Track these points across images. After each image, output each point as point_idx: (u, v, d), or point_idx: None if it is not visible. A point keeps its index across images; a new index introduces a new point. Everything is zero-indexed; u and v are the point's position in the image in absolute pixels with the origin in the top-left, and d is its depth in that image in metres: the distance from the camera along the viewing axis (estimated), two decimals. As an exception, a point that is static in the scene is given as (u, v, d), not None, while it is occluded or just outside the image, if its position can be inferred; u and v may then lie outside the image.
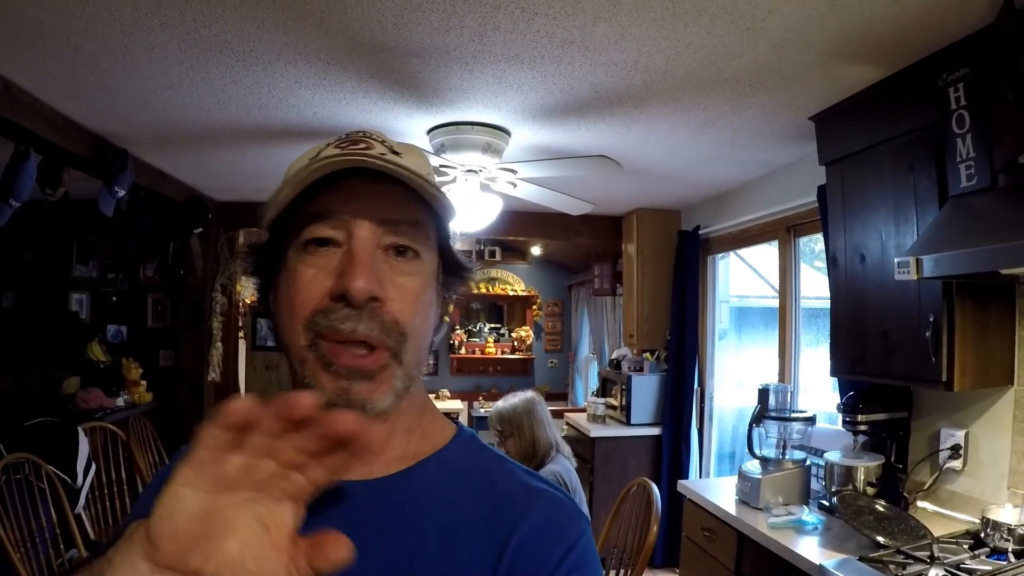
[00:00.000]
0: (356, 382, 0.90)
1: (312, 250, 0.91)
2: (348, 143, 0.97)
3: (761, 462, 3.73)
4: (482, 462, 1.03)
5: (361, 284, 0.87)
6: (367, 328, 0.89)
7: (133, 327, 7.05)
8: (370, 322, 0.89)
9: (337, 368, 0.89)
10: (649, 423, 6.30)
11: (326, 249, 0.91)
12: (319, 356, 0.90)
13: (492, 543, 0.91)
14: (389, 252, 0.93)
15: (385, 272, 0.92)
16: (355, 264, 0.89)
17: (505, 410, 3.83)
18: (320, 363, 0.90)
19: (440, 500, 0.95)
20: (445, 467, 1.00)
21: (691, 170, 4.95)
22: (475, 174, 4.11)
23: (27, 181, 3.83)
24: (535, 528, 0.92)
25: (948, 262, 2.42)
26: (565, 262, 10.90)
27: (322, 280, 0.90)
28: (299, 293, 0.91)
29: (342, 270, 0.89)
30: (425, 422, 1.04)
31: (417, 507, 0.94)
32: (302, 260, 0.92)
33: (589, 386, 9.69)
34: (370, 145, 0.96)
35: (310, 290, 0.90)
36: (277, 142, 4.39)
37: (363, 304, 0.88)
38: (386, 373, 0.92)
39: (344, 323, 0.88)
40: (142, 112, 3.84)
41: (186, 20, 2.70)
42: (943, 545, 2.67)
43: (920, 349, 2.84)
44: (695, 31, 2.70)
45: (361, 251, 0.90)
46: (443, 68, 3.14)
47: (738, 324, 6.29)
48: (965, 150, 2.58)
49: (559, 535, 0.92)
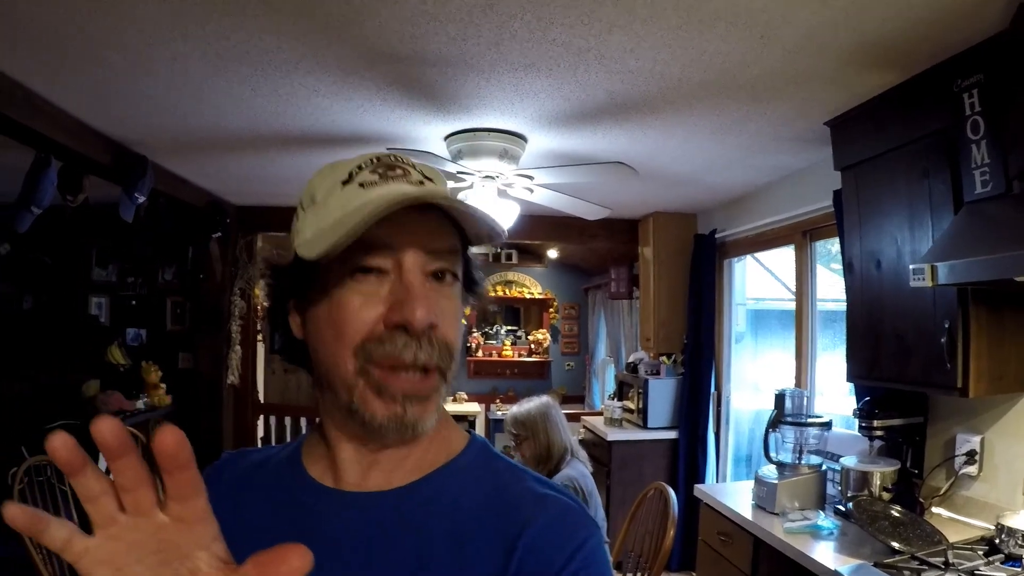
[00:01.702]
0: (410, 406, 0.92)
1: (359, 278, 0.92)
2: (383, 167, 0.98)
3: (777, 467, 3.73)
4: (493, 469, 1.04)
5: (422, 314, 0.89)
6: (427, 355, 0.91)
7: (152, 330, 7.07)
8: (429, 348, 0.92)
9: (393, 393, 0.91)
10: (666, 427, 6.29)
11: (373, 277, 0.92)
12: (371, 382, 0.92)
13: (500, 547, 0.92)
14: (430, 278, 0.95)
15: (433, 298, 0.94)
16: (414, 295, 0.90)
17: (520, 414, 3.86)
18: (372, 389, 0.92)
19: (451, 506, 0.97)
20: (457, 474, 1.02)
21: (707, 175, 4.96)
22: (492, 180, 4.13)
23: (48, 188, 3.88)
24: (542, 531, 0.93)
25: (963, 269, 2.41)
26: (581, 265, 10.89)
27: (372, 308, 0.92)
28: (348, 321, 0.92)
29: (396, 299, 0.91)
30: (443, 431, 1.06)
31: (429, 513, 0.96)
32: (348, 288, 0.93)
33: (606, 389, 9.67)
34: (406, 171, 0.98)
35: (361, 318, 0.91)
36: (296, 149, 4.42)
37: (423, 333, 0.91)
38: (436, 395, 0.95)
39: (404, 351, 0.90)
40: (162, 119, 3.88)
41: (207, 31, 2.73)
42: (958, 551, 2.67)
43: (935, 355, 2.83)
44: (710, 39, 2.72)
45: (416, 282, 0.92)
46: (460, 76, 3.17)
47: (755, 327, 6.27)
48: (980, 156, 2.56)
49: (566, 538, 0.93)
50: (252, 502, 1.04)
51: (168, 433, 0.59)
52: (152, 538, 0.63)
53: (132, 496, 0.62)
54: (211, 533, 0.66)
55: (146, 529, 0.63)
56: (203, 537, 0.65)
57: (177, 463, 0.61)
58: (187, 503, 0.63)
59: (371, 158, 1.00)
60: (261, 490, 1.05)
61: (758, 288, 6.31)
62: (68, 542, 0.62)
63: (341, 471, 1.01)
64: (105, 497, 0.63)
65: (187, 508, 0.64)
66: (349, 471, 1.00)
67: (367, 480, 1.00)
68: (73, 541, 0.63)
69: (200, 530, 0.65)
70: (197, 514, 0.64)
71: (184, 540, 0.64)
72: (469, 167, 4.01)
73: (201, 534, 0.65)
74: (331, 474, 1.02)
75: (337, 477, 1.01)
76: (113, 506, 0.63)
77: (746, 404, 6.06)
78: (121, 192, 4.33)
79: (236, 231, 6.66)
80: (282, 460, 1.10)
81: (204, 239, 6.19)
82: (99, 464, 0.63)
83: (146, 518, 0.63)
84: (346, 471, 1.00)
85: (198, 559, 0.64)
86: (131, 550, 0.63)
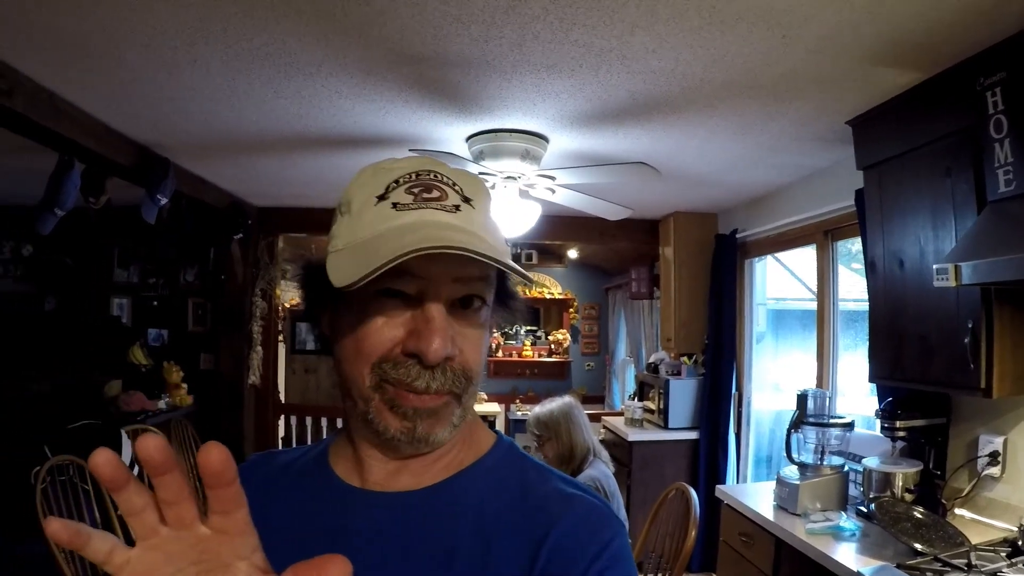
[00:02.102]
0: (421, 421, 0.94)
1: (384, 299, 0.93)
2: (420, 186, 0.97)
3: (799, 467, 3.72)
4: (519, 469, 1.05)
5: (437, 347, 0.90)
6: (439, 384, 0.93)
7: (174, 331, 7.11)
8: (442, 377, 0.93)
9: (404, 410, 0.93)
10: (686, 427, 6.27)
11: (397, 300, 0.93)
12: (385, 398, 0.94)
13: (526, 546, 0.92)
14: (457, 305, 0.95)
15: (455, 327, 0.94)
16: (432, 329, 0.91)
17: (543, 414, 3.86)
18: (386, 404, 0.94)
19: (477, 505, 0.98)
20: (484, 474, 1.03)
21: (728, 174, 4.95)
22: (514, 181, 4.13)
23: (71, 190, 3.92)
24: (568, 530, 0.93)
25: (986, 269, 2.40)
26: (602, 265, 10.89)
27: (392, 329, 0.93)
28: (368, 338, 0.93)
29: (415, 328, 0.92)
30: (471, 433, 1.07)
31: (456, 512, 0.97)
32: (373, 306, 0.93)
33: (626, 389, 9.67)
34: (443, 194, 0.96)
35: (379, 337, 0.93)
36: (318, 150, 4.44)
37: (437, 365, 0.92)
38: (447, 410, 0.95)
39: (417, 380, 0.92)
40: (184, 122, 3.91)
41: (228, 34, 2.75)
42: (981, 553, 2.66)
43: (959, 355, 2.82)
44: (732, 39, 2.71)
45: (438, 315, 0.92)
46: (482, 77, 3.17)
47: (775, 327, 6.25)
48: (1003, 155, 2.54)
49: (592, 536, 0.94)
50: (281, 503, 1.04)
51: (214, 451, 0.60)
52: (192, 549, 0.65)
53: (175, 510, 0.64)
54: (251, 544, 0.67)
55: (187, 541, 0.64)
56: (243, 548, 0.66)
57: (222, 480, 0.62)
58: (230, 516, 0.64)
59: (410, 173, 0.98)
60: (290, 491, 1.06)
61: (779, 288, 6.28)
62: (110, 555, 0.63)
63: (368, 472, 1.02)
64: (148, 511, 0.64)
65: (229, 521, 0.65)
66: (376, 472, 1.01)
67: (395, 481, 1.01)
68: (115, 554, 0.64)
69: (240, 541, 0.66)
70: (239, 526, 0.65)
71: (225, 551, 0.65)
72: (491, 168, 4.01)
73: (241, 545, 0.66)
74: (358, 474, 1.03)
75: (364, 478, 1.02)
76: (155, 519, 0.64)
77: (767, 405, 6.04)
78: (143, 194, 4.36)
79: (257, 232, 6.69)
80: (310, 461, 1.11)
81: (226, 240, 6.23)
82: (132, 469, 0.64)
83: (188, 531, 0.64)
84: (373, 472, 1.01)
85: (237, 569, 0.66)
86: (170, 560, 0.64)
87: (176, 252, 6.91)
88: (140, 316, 7.12)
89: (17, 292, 6.84)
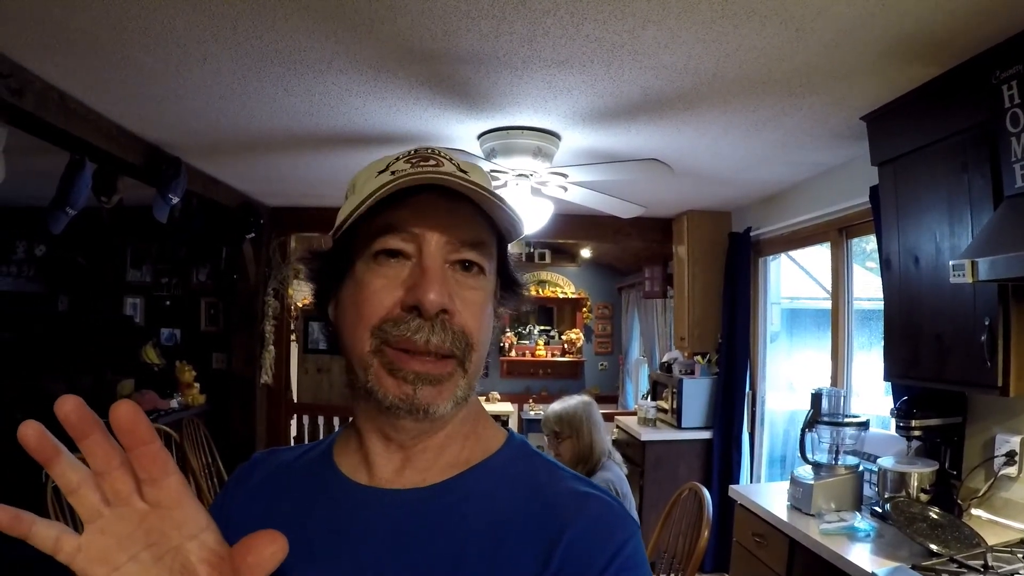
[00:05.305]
0: (421, 387, 0.92)
1: (382, 261, 0.94)
2: (418, 159, 0.99)
3: (813, 467, 3.69)
4: (531, 467, 1.03)
5: (434, 296, 0.90)
6: (439, 339, 0.92)
7: (186, 331, 7.14)
8: (442, 333, 0.92)
9: (404, 374, 0.92)
10: (700, 427, 6.25)
11: (396, 261, 0.94)
12: (384, 362, 0.93)
13: (540, 546, 0.91)
14: (456, 267, 0.96)
15: (453, 286, 0.95)
16: (428, 278, 0.91)
17: (564, 411, 3.77)
18: (384, 368, 0.93)
19: (488, 504, 0.96)
20: (494, 472, 1.01)
21: (741, 171, 4.93)
22: (526, 178, 4.12)
23: (82, 190, 3.93)
24: (583, 531, 0.91)
25: (1003, 265, 2.37)
26: (615, 264, 10.88)
27: (391, 291, 0.93)
28: (368, 301, 0.94)
29: (413, 283, 0.92)
30: (479, 429, 1.06)
31: (465, 511, 0.95)
32: (371, 270, 0.95)
33: (639, 389, 9.66)
34: (440, 163, 0.98)
35: (380, 299, 0.93)
36: (329, 149, 4.44)
37: (435, 316, 0.91)
38: (451, 381, 0.95)
39: (416, 333, 0.91)
40: (195, 121, 3.91)
41: (238, 32, 2.74)
42: (997, 554, 2.63)
43: (975, 353, 2.78)
44: (745, 33, 2.69)
45: (433, 265, 0.93)
46: (493, 74, 3.16)
47: (789, 326, 6.23)
48: (1020, 149, 2.51)
49: (607, 537, 0.92)
50: (284, 500, 1.04)
51: (121, 406, 0.59)
52: (139, 529, 0.63)
53: (109, 481, 0.62)
54: (196, 521, 0.66)
55: (131, 519, 0.63)
56: (188, 525, 0.65)
57: (137, 438, 0.60)
58: (159, 485, 0.63)
59: (410, 150, 1.02)
60: (293, 488, 1.05)
61: (793, 287, 6.26)
62: (58, 541, 0.62)
63: (374, 467, 1.00)
64: (86, 488, 0.63)
65: (161, 491, 0.63)
66: (382, 467, 1.00)
67: (401, 477, 0.99)
68: (63, 539, 0.63)
69: (180, 515, 0.65)
70: (172, 497, 0.64)
71: (168, 528, 0.64)
72: (503, 166, 4.00)
73: (183, 521, 0.65)
74: (364, 470, 1.02)
75: (371, 474, 1.01)
76: (96, 498, 0.63)
77: (781, 404, 6.01)
78: (155, 193, 4.37)
79: (269, 231, 6.70)
80: (314, 458, 1.10)
81: (238, 240, 6.22)
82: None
83: (128, 507, 0.63)
84: (379, 467, 1.00)
85: (188, 551, 0.64)
86: (123, 545, 0.63)
87: (188, 251, 6.94)
88: (153, 316, 7.15)
89: (30, 292, 6.89)
